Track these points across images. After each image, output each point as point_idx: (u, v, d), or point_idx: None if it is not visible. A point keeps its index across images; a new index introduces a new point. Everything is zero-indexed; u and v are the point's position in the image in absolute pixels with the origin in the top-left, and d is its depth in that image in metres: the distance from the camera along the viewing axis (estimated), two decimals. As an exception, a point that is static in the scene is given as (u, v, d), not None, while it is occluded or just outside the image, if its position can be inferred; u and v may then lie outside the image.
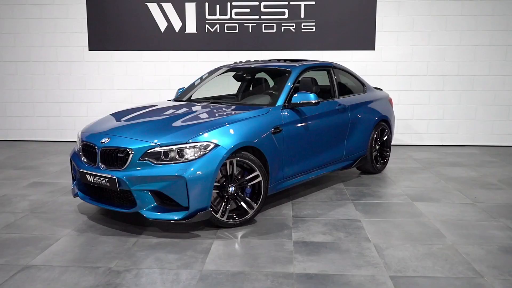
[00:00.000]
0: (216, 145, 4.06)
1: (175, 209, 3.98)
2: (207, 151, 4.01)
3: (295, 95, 4.92)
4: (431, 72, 8.40)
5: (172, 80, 8.57)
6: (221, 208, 4.19)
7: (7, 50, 8.70)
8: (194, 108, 4.95)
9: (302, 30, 8.43)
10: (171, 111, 4.92)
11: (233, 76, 5.86)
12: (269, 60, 6.17)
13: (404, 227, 4.28)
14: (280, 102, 4.89)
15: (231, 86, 6.23)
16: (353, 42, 8.41)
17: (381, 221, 4.45)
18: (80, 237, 4.04)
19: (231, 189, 4.22)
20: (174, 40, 8.55)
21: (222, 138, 4.11)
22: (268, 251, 3.72)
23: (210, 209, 4.04)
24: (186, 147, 4.00)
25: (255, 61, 6.18)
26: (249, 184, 4.33)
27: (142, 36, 8.55)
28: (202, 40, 8.53)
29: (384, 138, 6.45)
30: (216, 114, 4.67)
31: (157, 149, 3.99)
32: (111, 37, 8.58)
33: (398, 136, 8.55)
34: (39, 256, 3.62)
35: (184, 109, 4.91)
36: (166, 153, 3.98)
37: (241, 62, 6.23)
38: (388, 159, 6.56)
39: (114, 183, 4.03)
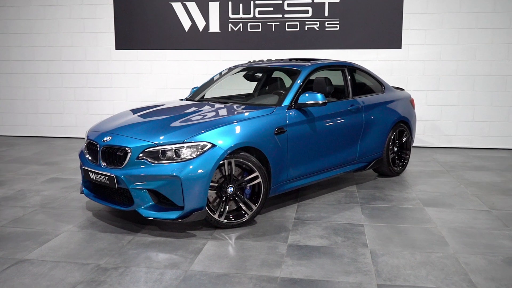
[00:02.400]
0: (213, 145, 4.03)
1: (171, 209, 4.00)
2: (203, 151, 4.00)
3: (302, 95, 4.83)
4: (461, 71, 8.07)
5: (196, 79, 8.62)
6: (219, 209, 4.17)
7: (38, 50, 9.02)
8: (198, 108, 4.95)
9: (326, 29, 8.29)
10: (176, 110, 4.94)
11: (243, 76, 5.82)
12: (281, 60, 6.09)
13: (407, 233, 4.12)
14: (286, 102, 4.82)
15: (245, 85, 6.20)
16: (379, 41, 8.20)
17: (385, 226, 4.31)
18: (79, 233, 4.12)
19: (230, 189, 4.19)
20: (198, 40, 8.60)
21: (220, 139, 4.09)
22: (259, 254, 3.67)
23: (206, 209, 4.03)
24: (182, 146, 4.00)
25: (267, 60, 6.12)
26: (249, 185, 4.29)
27: (167, 35, 8.65)
28: (225, 39, 8.54)
29: (403, 140, 6.24)
30: (218, 114, 4.66)
31: (154, 148, 4.01)
32: (137, 37, 8.73)
33: (425, 138, 8.27)
34: (36, 250, 3.72)
35: (189, 109, 4.92)
36: (163, 152, 4.00)
37: (254, 61, 6.18)
38: (407, 162, 6.35)
39: (113, 181, 4.09)
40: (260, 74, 5.94)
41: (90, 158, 4.44)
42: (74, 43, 8.90)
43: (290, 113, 4.74)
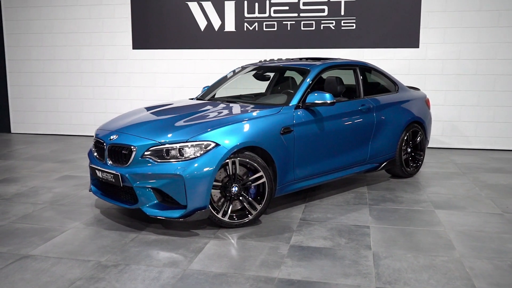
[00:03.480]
0: (217, 145, 4.03)
1: (174, 207, 4.01)
2: (207, 150, 4.00)
3: (310, 95, 4.79)
4: (481, 71, 7.87)
5: (211, 78, 8.61)
6: (223, 208, 4.16)
7: (58, 49, 9.19)
8: (205, 107, 4.95)
9: (342, 28, 8.20)
10: (183, 109, 4.95)
11: (253, 75, 5.80)
12: (292, 59, 6.05)
13: (414, 236, 4.03)
14: (294, 101, 4.78)
15: (257, 85, 6.18)
16: (396, 40, 8.06)
17: (391, 228, 4.23)
18: (84, 230, 4.17)
19: (234, 189, 4.17)
20: (213, 39, 8.62)
21: (224, 138, 4.08)
22: (259, 254, 3.65)
23: (209, 208, 4.03)
24: (186, 145, 4.00)
25: (278, 59, 6.08)
26: (253, 184, 4.27)
27: (183, 35, 8.70)
28: (241, 39, 8.53)
29: (417, 141, 6.12)
30: (224, 114, 4.65)
31: (158, 147, 4.03)
32: (153, 36, 8.81)
33: (443, 139, 8.10)
34: (40, 247, 3.78)
35: (196, 108, 4.93)
36: (167, 151, 4.01)
37: (265, 60, 6.16)
38: (421, 163, 6.22)
39: (118, 179, 4.13)
40: (270, 74, 5.90)
41: (97, 156, 4.49)
42: (92, 42, 9.04)
43: (298, 113, 4.70)
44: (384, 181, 5.91)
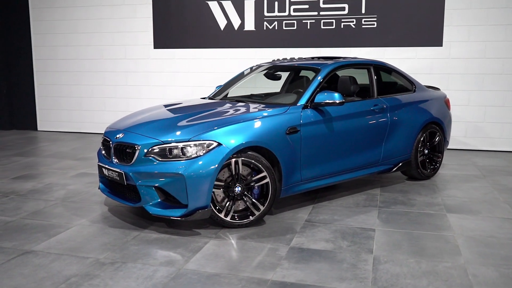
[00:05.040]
0: (219, 144, 4.01)
1: (176, 206, 4.01)
2: (209, 150, 3.99)
3: (318, 95, 4.71)
4: (507, 70, 7.58)
5: (230, 77, 8.61)
6: (226, 208, 4.14)
7: (82, 49, 9.37)
8: (213, 107, 4.92)
9: (363, 26, 8.05)
10: (190, 109, 4.96)
11: (264, 75, 5.75)
12: (304, 58, 5.97)
13: (420, 241, 3.91)
14: (302, 101, 4.71)
15: (271, 84, 6.13)
16: (418, 38, 7.86)
17: (398, 232, 4.11)
18: (89, 227, 4.22)
19: (237, 189, 4.14)
20: (233, 38, 8.61)
21: (226, 137, 4.05)
22: (257, 255, 3.61)
23: (211, 208, 4.01)
24: (189, 145, 4.00)
25: (291, 59, 6.02)
26: (257, 185, 4.23)
27: (203, 34, 8.73)
28: (260, 38, 8.50)
29: (435, 142, 5.95)
30: (230, 113, 4.62)
31: (160, 146, 4.04)
32: (174, 36, 8.87)
33: (467, 140, 7.85)
34: (44, 242, 3.85)
35: (203, 107, 4.92)
36: (170, 150, 4.02)
37: (278, 59, 6.10)
38: (439, 165, 6.04)
39: (122, 177, 4.17)
40: (281, 73, 5.83)
41: (105, 154, 4.55)
42: (115, 42, 9.17)
43: (306, 113, 4.63)
44: (399, 183, 5.77)
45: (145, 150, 4.07)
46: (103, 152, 4.58)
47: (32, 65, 9.69)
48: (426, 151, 5.88)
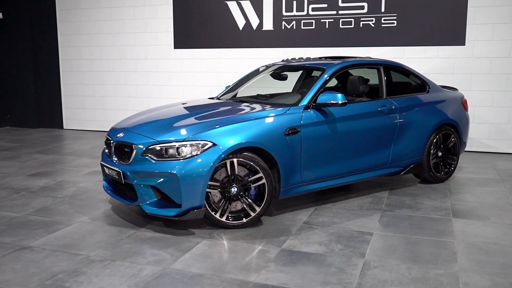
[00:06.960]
0: (214, 144, 4.00)
1: (170, 206, 4.04)
2: (203, 150, 3.99)
3: (321, 95, 4.64)
4: (534, 70, 7.27)
5: (248, 77, 8.63)
6: (221, 208, 4.13)
7: (105, 49, 9.58)
8: (215, 107, 4.92)
9: (382, 25, 7.88)
10: (192, 109, 4.97)
11: (270, 75, 5.71)
12: (313, 58, 5.89)
13: (417, 246, 3.79)
14: (304, 102, 4.65)
15: (278, 84, 6.08)
16: (440, 37, 7.62)
17: (396, 236, 4.00)
18: (89, 224, 4.30)
19: (233, 189, 4.13)
20: (252, 38, 8.60)
21: (221, 138, 4.04)
22: (245, 257, 3.58)
23: (205, 207, 4.01)
24: (184, 145, 4.01)
25: (299, 58, 5.95)
26: (253, 185, 4.20)
27: (222, 34, 8.76)
28: (279, 37, 8.45)
29: (450, 144, 5.76)
30: (229, 113, 4.60)
31: (157, 145, 4.07)
32: (193, 36, 8.94)
33: (489, 142, 7.57)
34: (42, 239, 3.94)
35: (204, 108, 4.93)
36: (166, 150, 4.04)
37: (287, 59, 6.05)
38: (454, 168, 5.84)
39: (120, 176, 4.22)
40: (287, 73, 5.77)
41: (107, 153, 4.62)
42: (136, 42, 9.33)
43: (307, 113, 4.57)
44: (410, 186, 5.62)
45: (142, 150, 4.11)
46: (106, 151, 4.66)
47: (58, 65, 9.98)
48: (440, 154, 5.70)
